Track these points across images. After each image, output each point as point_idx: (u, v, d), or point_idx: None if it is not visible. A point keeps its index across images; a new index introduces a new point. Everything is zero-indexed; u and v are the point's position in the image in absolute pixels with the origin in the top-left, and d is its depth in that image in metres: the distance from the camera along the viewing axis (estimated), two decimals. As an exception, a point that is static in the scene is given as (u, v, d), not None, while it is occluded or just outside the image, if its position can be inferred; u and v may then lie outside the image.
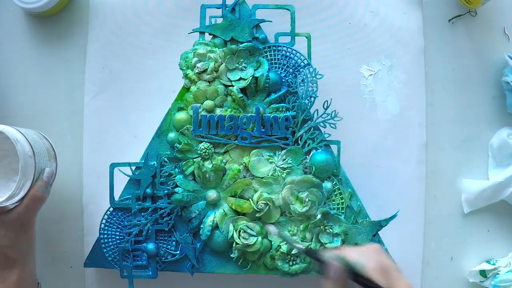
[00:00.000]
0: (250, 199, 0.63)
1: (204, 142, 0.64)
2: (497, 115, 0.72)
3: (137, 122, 0.70)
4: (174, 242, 0.64)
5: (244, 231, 0.63)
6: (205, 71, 0.64)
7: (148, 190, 0.64)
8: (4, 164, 0.59)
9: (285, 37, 0.66)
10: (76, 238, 0.70)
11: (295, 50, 0.65)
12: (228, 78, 0.64)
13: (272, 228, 0.62)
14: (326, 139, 0.64)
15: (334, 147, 0.65)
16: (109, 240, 0.65)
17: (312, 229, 0.63)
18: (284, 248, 0.62)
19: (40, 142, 0.62)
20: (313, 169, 0.63)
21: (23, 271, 0.58)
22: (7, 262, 0.58)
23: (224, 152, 0.64)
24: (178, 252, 0.64)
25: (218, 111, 0.64)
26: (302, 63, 0.65)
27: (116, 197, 0.65)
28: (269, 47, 0.65)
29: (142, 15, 0.71)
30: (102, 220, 0.65)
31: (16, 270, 0.58)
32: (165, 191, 0.64)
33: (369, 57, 0.71)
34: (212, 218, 0.63)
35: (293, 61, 0.65)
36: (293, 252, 0.62)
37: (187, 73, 0.65)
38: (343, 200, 0.64)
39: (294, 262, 0.63)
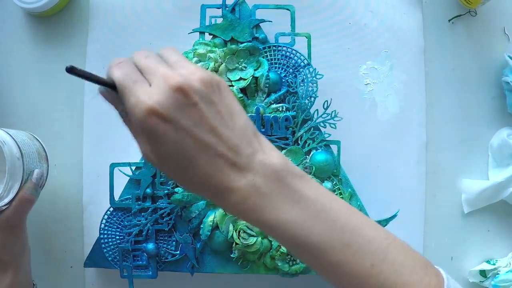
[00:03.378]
0: (250, 199, 0.63)
1: (204, 142, 0.64)
2: (497, 115, 0.72)
3: (137, 122, 0.70)
4: (174, 242, 0.64)
5: (244, 231, 0.62)
6: (205, 71, 0.64)
7: (148, 190, 0.64)
8: None
9: (285, 37, 0.66)
10: (76, 238, 0.70)
11: (295, 50, 0.65)
12: (228, 78, 0.64)
13: None
14: (326, 139, 0.64)
15: (334, 147, 0.65)
16: (109, 240, 0.65)
17: (312, 229, 0.63)
18: (284, 248, 0.62)
19: (30, 143, 0.61)
20: (313, 169, 0.63)
21: (17, 273, 0.58)
22: (0, 265, 0.57)
23: (224, 152, 0.64)
24: (178, 252, 0.64)
25: (218, 111, 0.64)
26: (302, 63, 0.65)
27: (116, 197, 0.65)
28: (269, 47, 0.65)
29: (142, 15, 0.71)
30: (102, 220, 0.65)
31: (10, 273, 0.57)
32: (165, 191, 0.64)
33: (369, 57, 0.71)
34: (212, 218, 0.63)
35: (293, 61, 0.65)
36: None
37: (187, 73, 0.64)
38: (343, 200, 0.64)
39: (294, 262, 0.63)
